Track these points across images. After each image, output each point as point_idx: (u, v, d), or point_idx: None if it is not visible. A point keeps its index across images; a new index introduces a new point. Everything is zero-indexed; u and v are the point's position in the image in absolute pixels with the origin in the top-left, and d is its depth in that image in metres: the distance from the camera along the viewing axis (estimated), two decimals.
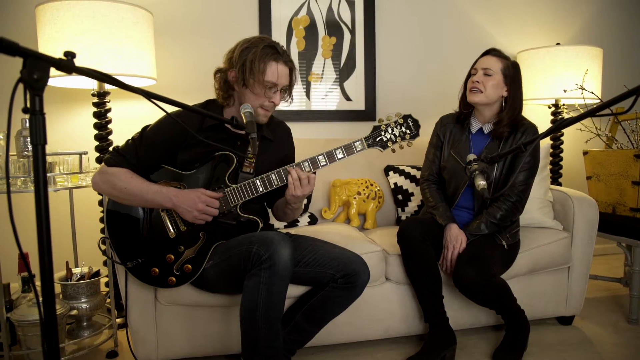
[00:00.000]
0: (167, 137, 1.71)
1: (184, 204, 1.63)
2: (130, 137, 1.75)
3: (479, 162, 1.59)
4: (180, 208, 1.64)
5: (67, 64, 0.90)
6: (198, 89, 2.71)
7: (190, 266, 1.70)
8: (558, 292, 2.29)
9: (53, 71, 0.87)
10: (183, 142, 1.72)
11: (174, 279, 1.70)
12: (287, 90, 1.77)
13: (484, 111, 2.09)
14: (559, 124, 1.36)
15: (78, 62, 0.93)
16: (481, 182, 1.53)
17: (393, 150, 1.78)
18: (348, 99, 3.07)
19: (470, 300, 1.94)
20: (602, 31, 3.50)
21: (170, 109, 1.25)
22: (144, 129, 1.75)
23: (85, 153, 2.16)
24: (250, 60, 1.64)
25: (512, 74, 2.03)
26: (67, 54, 0.92)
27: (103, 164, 1.72)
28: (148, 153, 1.71)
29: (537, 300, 2.24)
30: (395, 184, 2.64)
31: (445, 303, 2.03)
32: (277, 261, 1.50)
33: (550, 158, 3.13)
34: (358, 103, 3.08)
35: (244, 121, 1.58)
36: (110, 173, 1.67)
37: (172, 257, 1.70)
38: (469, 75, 2.11)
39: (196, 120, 1.73)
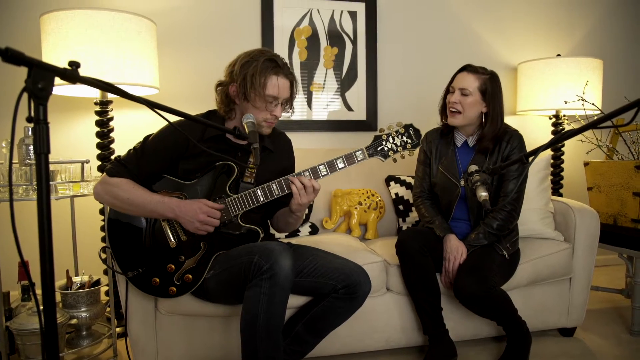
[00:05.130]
0: (168, 147, 1.72)
1: (186, 215, 1.63)
2: (132, 147, 1.76)
3: (480, 173, 1.59)
4: (182, 218, 1.64)
5: (71, 74, 0.91)
6: (200, 99, 2.72)
7: (190, 276, 1.70)
8: (559, 303, 2.27)
9: (56, 80, 0.87)
10: (185, 152, 1.72)
11: (174, 288, 1.70)
12: (289, 102, 1.78)
13: (465, 127, 2.11)
14: (560, 136, 1.37)
15: (81, 71, 0.93)
16: (483, 194, 1.53)
17: (394, 160, 1.78)
18: (349, 109, 3.08)
19: (471, 311, 1.94)
20: (603, 43, 3.52)
21: (173, 118, 1.25)
22: (146, 138, 1.75)
23: (87, 162, 2.16)
24: (251, 74, 1.64)
25: (490, 89, 2.01)
26: (71, 63, 0.92)
27: (104, 173, 1.72)
28: (150, 163, 1.71)
29: (538, 312, 2.23)
30: (396, 194, 2.64)
31: (446, 314, 2.02)
32: (278, 271, 1.49)
33: (551, 169, 3.13)
34: (359, 113, 3.09)
35: (246, 131, 1.59)
36: (112, 183, 1.67)
37: (173, 267, 1.70)
38: (447, 92, 2.10)
39: (198, 130, 1.73)
